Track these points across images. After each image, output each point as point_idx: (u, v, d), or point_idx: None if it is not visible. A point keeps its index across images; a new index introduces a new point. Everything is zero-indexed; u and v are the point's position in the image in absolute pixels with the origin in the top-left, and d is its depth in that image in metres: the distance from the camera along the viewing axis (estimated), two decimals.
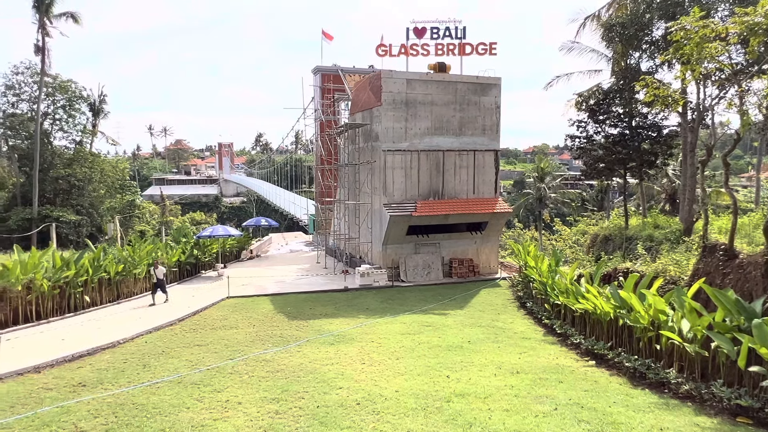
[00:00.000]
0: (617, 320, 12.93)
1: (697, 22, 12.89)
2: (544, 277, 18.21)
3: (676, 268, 14.86)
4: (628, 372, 11.39)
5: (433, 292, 22.34)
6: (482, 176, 26.41)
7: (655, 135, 27.08)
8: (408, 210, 24.31)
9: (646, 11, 25.07)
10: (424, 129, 25.22)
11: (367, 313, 18.42)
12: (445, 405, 9.46)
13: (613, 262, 19.35)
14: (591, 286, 14.73)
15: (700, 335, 10.31)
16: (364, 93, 27.22)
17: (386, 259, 25.06)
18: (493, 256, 27.35)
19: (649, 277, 13.66)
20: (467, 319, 17.38)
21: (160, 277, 20.29)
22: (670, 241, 20.24)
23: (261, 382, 11.08)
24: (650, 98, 15.20)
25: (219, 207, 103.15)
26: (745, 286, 11.43)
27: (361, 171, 27.29)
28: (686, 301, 10.69)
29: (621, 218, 28.16)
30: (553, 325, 15.80)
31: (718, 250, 12.64)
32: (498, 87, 26.41)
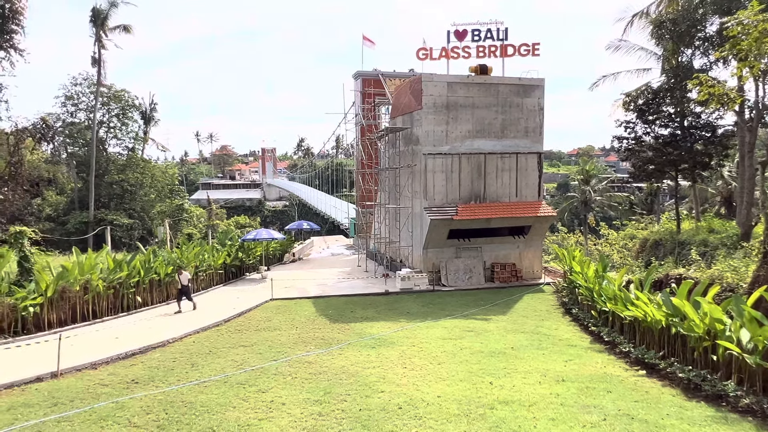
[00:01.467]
0: (669, 329, 12.41)
1: (756, 15, 12.27)
2: (590, 283, 17.68)
3: (733, 274, 14.15)
4: (682, 383, 10.90)
5: (475, 297, 22.07)
6: (525, 179, 25.93)
7: (709, 135, 25.94)
8: (449, 214, 24.14)
9: (699, 6, 24.06)
10: (465, 132, 25.00)
11: (408, 317, 18.39)
12: (489, 412, 9.32)
13: (665, 267, 18.59)
14: (641, 293, 14.18)
15: (761, 346, 9.76)
16: (404, 97, 27.26)
17: (427, 263, 24.96)
18: (537, 261, 26.78)
19: (704, 284, 13.04)
20: (510, 325, 17.08)
21: (185, 283, 19.65)
22: (726, 246, 19.28)
23: (304, 383, 11.24)
24: (704, 97, 14.55)
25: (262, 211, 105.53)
26: None
27: (402, 174, 27.31)
28: (746, 310, 10.15)
29: (672, 222, 27.06)
30: (600, 332, 15.31)
31: None
32: (541, 88, 25.89)
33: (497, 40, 26.08)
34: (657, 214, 41.09)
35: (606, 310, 15.88)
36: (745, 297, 11.31)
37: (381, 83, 34.86)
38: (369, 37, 36.23)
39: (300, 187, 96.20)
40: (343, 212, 51.78)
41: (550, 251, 34.10)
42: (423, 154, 24.56)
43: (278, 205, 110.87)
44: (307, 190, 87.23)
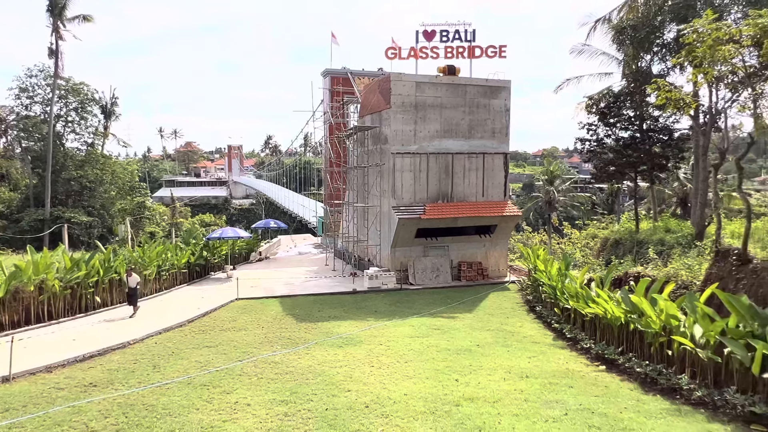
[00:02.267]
0: (628, 325, 12.82)
1: (710, 24, 12.80)
2: (553, 281, 18.09)
3: (688, 272, 14.73)
4: (639, 377, 11.28)
5: (442, 295, 22.27)
6: (491, 179, 26.32)
7: (667, 138, 26.91)
8: (417, 213, 24.28)
9: (657, 14, 24.92)
10: (434, 132, 25.19)
11: (376, 315, 18.40)
12: (454, 409, 9.42)
13: (624, 266, 19.19)
14: (601, 291, 14.61)
15: (713, 341, 10.19)
16: (373, 96, 27.27)
17: (395, 261, 25.04)
18: (502, 260, 27.23)
19: (660, 281, 13.52)
20: (476, 323, 17.31)
21: (133, 285, 18.37)
22: (681, 245, 20.05)
23: (270, 383, 11.11)
24: (662, 101, 15.10)
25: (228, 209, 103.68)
26: (759, 291, 11.29)
27: (370, 173, 27.31)
28: (699, 307, 10.59)
29: (631, 222, 27.96)
30: (562, 329, 15.69)
31: (731, 255, 12.49)
32: (507, 90, 26.33)
33: (465, 41, 26.39)
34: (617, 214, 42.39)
35: (568, 308, 16.28)
36: (698, 294, 11.79)
37: (350, 81, 34.76)
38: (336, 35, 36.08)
39: (267, 185, 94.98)
40: (311, 211, 51.43)
41: (516, 250, 34.75)
42: (391, 153, 24.61)
43: (245, 203, 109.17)
44: (275, 188, 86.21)
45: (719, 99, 19.05)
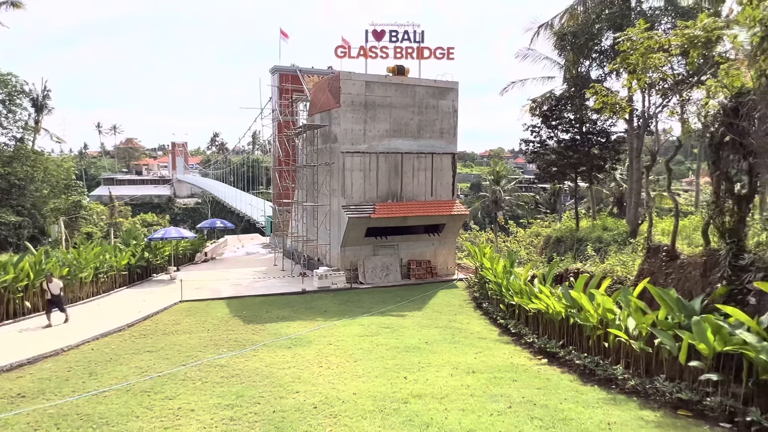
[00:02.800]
0: (568, 319, 13.36)
1: (642, 33, 13.52)
2: (499, 278, 18.60)
3: (622, 268, 15.50)
4: (579, 369, 11.77)
5: (392, 294, 22.41)
6: (440, 179, 26.73)
7: (604, 141, 28.18)
8: (366, 212, 24.31)
9: (595, 21, 26.07)
10: (383, 131, 25.30)
11: (325, 315, 18.29)
12: (403, 406, 9.50)
13: (565, 263, 19.98)
14: (544, 287, 15.15)
15: (644, 333, 10.78)
16: (322, 94, 27.07)
17: (344, 261, 24.97)
18: (451, 258, 27.72)
19: (597, 277, 14.18)
20: (425, 320, 17.53)
21: (56, 292, 16.92)
22: (617, 242, 21.08)
23: (215, 387, 10.80)
24: (599, 105, 15.82)
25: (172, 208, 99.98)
26: (685, 285, 12.04)
27: (320, 172, 27.10)
28: (632, 300, 11.16)
29: (572, 220, 29.13)
30: (507, 324, 16.16)
31: (661, 251, 13.26)
32: (455, 91, 26.81)
33: (414, 41, 26.64)
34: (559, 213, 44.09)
35: (513, 304, 16.78)
36: (632, 288, 12.44)
37: (299, 79, 34.34)
38: (285, 31, 35.56)
39: (214, 184, 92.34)
40: (260, 210, 50.42)
41: (464, 248, 35.47)
42: (341, 152, 24.51)
43: (190, 202, 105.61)
44: (222, 187, 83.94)
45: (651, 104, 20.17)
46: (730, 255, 10.73)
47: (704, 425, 8.43)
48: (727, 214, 11.04)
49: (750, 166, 10.77)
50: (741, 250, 10.72)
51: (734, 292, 10.40)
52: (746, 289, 10.13)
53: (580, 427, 8.46)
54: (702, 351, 9.20)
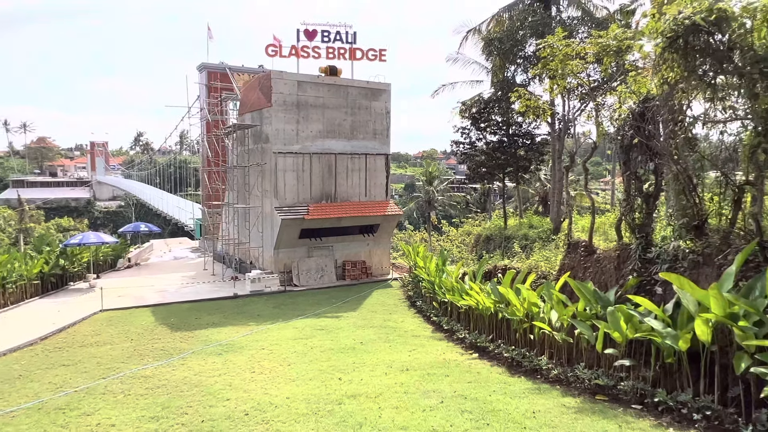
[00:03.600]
0: (497, 314, 13.87)
1: (561, 41, 14.30)
2: (432, 277, 18.98)
3: (546, 264, 16.32)
4: (507, 362, 12.25)
5: (327, 295, 22.28)
6: (374, 179, 26.90)
7: (529, 142, 29.60)
8: (300, 213, 24.02)
9: (519, 28, 27.30)
10: (316, 132, 25.10)
11: (258, 319, 17.89)
12: (336, 408, 9.47)
13: (494, 260, 20.73)
14: (474, 284, 15.63)
15: (566, 324, 11.40)
16: (253, 93, 26.44)
17: (278, 263, 24.52)
18: (385, 258, 27.96)
19: (523, 273, 14.83)
20: (360, 321, 17.57)
21: None
22: (542, 239, 22.17)
23: (138, 400, 10.25)
24: (523, 108, 16.57)
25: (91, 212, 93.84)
26: (601, 278, 12.86)
27: (251, 173, 26.44)
28: (554, 294, 11.78)
29: (501, 219, 30.30)
30: (440, 321, 16.53)
31: (580, 247, 14.09)
32: (388, 93, 27.08)
33: (346, 42, 26.63)
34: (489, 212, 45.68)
35: (445, 301, 17.19)
36: (554, 282, 13.12)
37: (228, 77, 33.33)
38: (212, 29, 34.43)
39: (138, 186, 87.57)
40: (188, 213, 48.42)
41: (398, 248, 35.91)
42: (273, 153, 24.06)
43: (112, 205, 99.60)
44: (147, 189, 79.78)
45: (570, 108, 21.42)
46: (640, 249, 11.58)
47: (618, 408, 9.04)
48: (637, 211, 11.92)
49: (656, 167, 11.68)
50: (649, 244, 11.59)
51: (644, 283, 11.22)
52: (654, 280, 10.97)
53: (508, 416, 8.81)
54: (616, 339, 9.86)
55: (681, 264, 10.53)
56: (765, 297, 7.96)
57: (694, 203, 10.53)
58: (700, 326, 8.30)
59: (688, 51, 9.18)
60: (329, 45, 26.42)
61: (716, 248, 9.91)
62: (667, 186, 11.97)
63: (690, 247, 10.49)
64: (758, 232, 9.46)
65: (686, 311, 8.93)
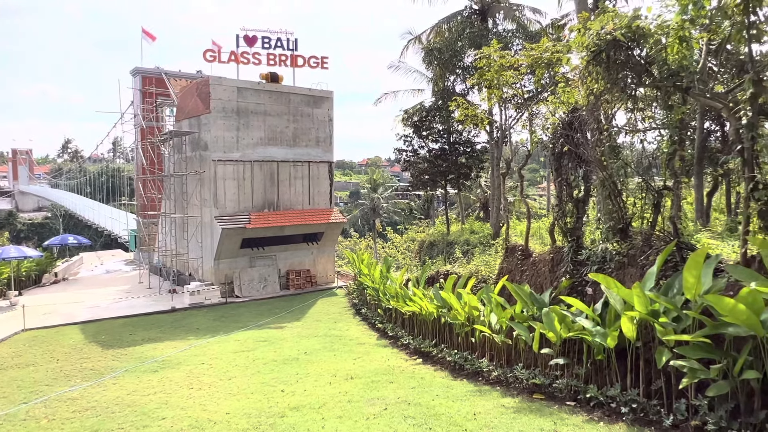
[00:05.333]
0: (440, 319, 14.08)
1: (497, 52, 14.84)
2: (376, 284, 19.03)
3: (486, 268, 16.76)
4: (450, 366, 12.45)
5: (270, 306, 21.88)
6: (317, 187, 26.76)
7: (470, 150, 30.38)
8: (241, 222, 23.49)
9: (458, 39, 28.07)
10: (257, 139, 24.69)
11: (198, 333, 17.31)
12: (279, 421, 9.28)
13: (436, 265, 21.08)
14: (417, 289, 15.82)
15: (504, 326, 11.73)
16: (191, 99, 25.66)
17: (219, 274, 23.83)
18: (330, 266, 27.81)
19: (464, 277, 15.16)
20: (304, 331, 17.36)
21: None
22: (482, 244, 22.75)
23: (65, 424, 9.61)
24: (462, 117, 17.05)
25: (13, 224, 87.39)
26: (537, 280, 13.37)
27: (189, 182, 25.60)
28: (493, 297, 12.10)
29: (444, 225, 30.85)
30: (385, 328, 16.59)
31: (517, 251, 14.59)
32: (330, 100, 27.07)
33: (287, 49, 26.43)
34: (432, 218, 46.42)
35: (390, 308, 17.28)
36: (493, 286, 13.49)
37: (164, 82, 32.19)
38: (149, 32, 33.19)
39: (66, 196, 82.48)
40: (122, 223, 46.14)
41: (343, 256, 35.79)
42: (213, 161, 23.44)
43: (37, 216, 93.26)
44: (77, 199, 75.28)
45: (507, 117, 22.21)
46: (572, 251, 12.14)
47: (554, 406, 9.39)
48: (568, 216, 12.49)
49: (585, 173, 12.32)
50: (580, 246, 12.18)
51: (576, 284, 11.77)
52: (584, 281, 11.53)
53: (450, 420, 8.94)
54: (551, 339, 10.26)
55: (609, 265, 11.12)
56: (682, 294, 8.54)
57: (619, 207, 11.17)
58: (625, 324, 8.77)
59: (610, 64, 9.77)
60: (270, 51, 26.12)
61: (639, 249, 10.55)
62: (596, 191, 12.64)
63: (616, 249, 11.10)
64: (676, 234, 10.16)
65: (613, 310, 9.42)
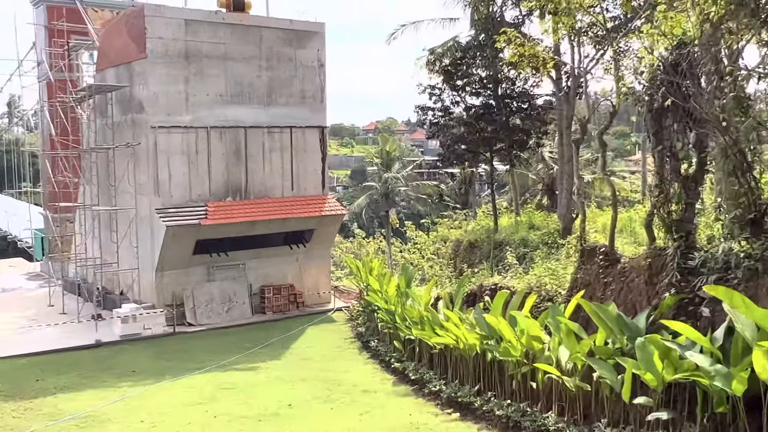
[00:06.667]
0: (485, 355, 14.13)
1: None
2: (391, 304, 19.11)
3: (552, 279, 16.74)
4: (500, 422, 12.52)
5: (237, 337, 22.15)
6: (304, 164, 26.84)
7: (527, 107, 30.18)
8: (195, 217, 23.70)
9: None
10: (216, 96, 24.81)
11: (134, 377, 17.66)
12: None
13: (479, 276, 21.09)
14: (452, 312, 15.85)
15: (580, 365, 11.75)
16: (118, 39, 25.87)
17: (163, 293, 24.11)
18: (324, 279, 27.96)
19: (521, 294, 15.17)
20: (287, 373, 17.59)
21: None
22: (547, 244, 22.71)
23: None
24: (515, 58, 16.94)
25: None
26: (628, 296, 13.33)
27: (118, 159, 25.86)
28: (563, 323, 12.10)
29: (489, 218, 30.80)
30: (405, 369, 16.69)
31: (598, 254, 14.55)
32: (321, 37, 27.12)
33: None
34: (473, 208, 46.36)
35: (412, 339, 17.34)
36: (563, 306, 13.47)
37: (80, 16, 32.41)
38: None
39: None
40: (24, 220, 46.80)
41: (343, 265, 35.94)
42: (151, 128, 23.66)
43: None
44: None
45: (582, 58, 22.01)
46: (678, 254, 12.06)
47: None
48: (674, 202, 12.41)
49: (697, 139, 12.20)
50: (691, 247, 12.08)
51: (685, 301, 11.68)
52: (698, 297, 11.45)
53: None
54: (649, 383, 10.24)
55: (734, 274, 11.02)
56: None
57: (749, 188, 11.07)
58: (759, 360, 8.71)
59: None
60: None
61: None
62: (714, 165, 12.53)
63: (745, 250, 11.00)
64: None
65: (741, 340, 9.36)
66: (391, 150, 56.17)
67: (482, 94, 30.54)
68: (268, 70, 25.90)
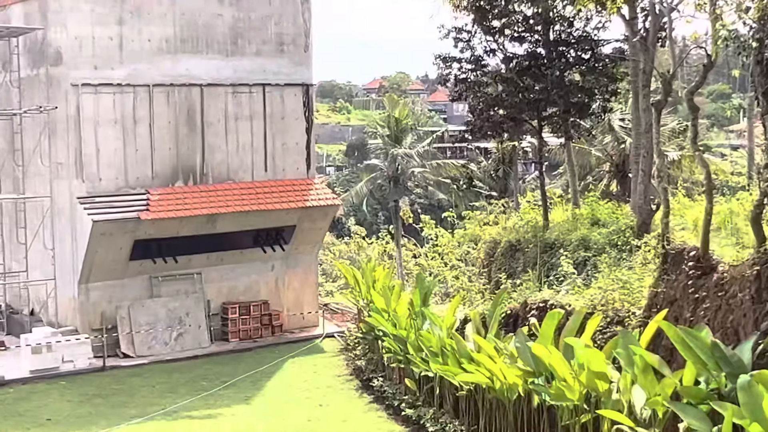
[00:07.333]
0: (530, 398, 14.08)
1: None
2: (402, 329, 19.06)
3: (623, 294, 16.66)
4: None
5: (191, 374, 22.22)
6: (282, 136, 26.83)
7: (589, 58, 29.97)
8: (132, 208, 23.74)
9: None
10: (160, 42, 24.83)
11: (48, 429, 17.71)
12: None
13: (523, 290, 21.02)
14: (484, 339, 15.79)
15: (661, 412, 11.70)
16: None
17: (88, 313, 24.18)
18: (309, 294, 27.97)
19: (580, 314, 15.05)
20: (260, 422, 17.63)
21: None
22: (616, 246, 22.56)
23: None
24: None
25: None
26: (728, 317, 13.24)
27: (28, 130, 25.94)
28: (638, 354, 12.04)
29: (536, 210, 30.67)
30: (420, 417, 16.68)
31: (685, 260, 14.47)
32: None
33: None
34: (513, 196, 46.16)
35: (430, 376, 17.30)
36: (638, 332, 13.41)
37: None
38: None
39: None
40: None
41: (336, 274, 35.92)
42: (73, 86, 23.71)
43: None
44: None
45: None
46: None
47: None
48: None
49: None
50: None
51: None
52: None
53: None
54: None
55: None
56: None
57: None
58: None
59: None
60: None
61: None
62: None
63: None
64: None
65: None
66: (402, 117, 56.00)
67: (528, 40, 30.37)
68: (233, 5, 25.89)
